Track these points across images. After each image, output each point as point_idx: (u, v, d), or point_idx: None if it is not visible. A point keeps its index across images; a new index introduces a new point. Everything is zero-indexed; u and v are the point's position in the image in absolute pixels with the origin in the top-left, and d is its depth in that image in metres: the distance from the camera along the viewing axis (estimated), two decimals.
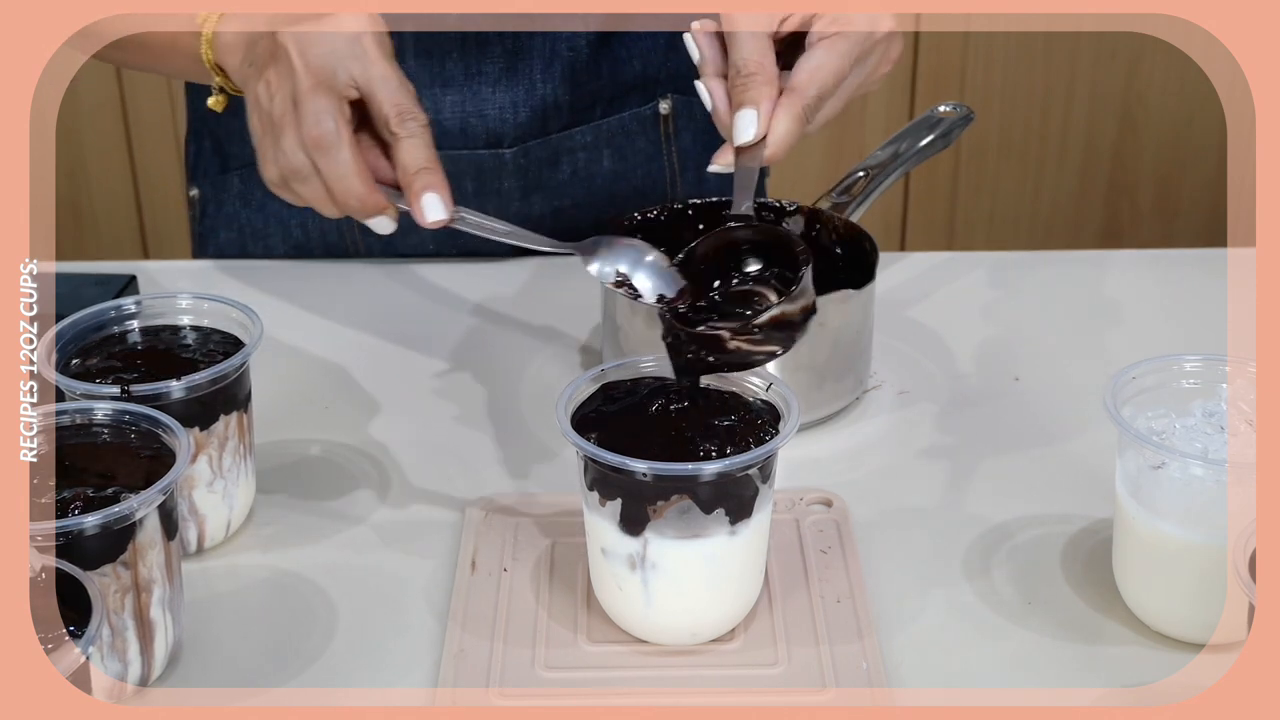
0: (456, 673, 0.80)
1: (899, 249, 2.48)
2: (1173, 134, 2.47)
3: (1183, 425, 0.83)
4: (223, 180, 1.28)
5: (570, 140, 1.23)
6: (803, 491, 0.94)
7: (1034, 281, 1.25)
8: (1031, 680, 0.81)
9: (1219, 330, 1.13)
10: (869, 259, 1.05)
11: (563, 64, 1.20)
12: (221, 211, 1.28)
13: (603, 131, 1.24)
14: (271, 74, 0.87)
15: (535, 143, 1.22)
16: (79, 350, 0.90)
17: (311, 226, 1.27)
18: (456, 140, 1.19)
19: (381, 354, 1.14)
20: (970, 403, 1.07)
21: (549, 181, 1.24)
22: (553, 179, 1.24)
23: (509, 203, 1.22)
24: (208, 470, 0.89)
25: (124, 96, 2.38)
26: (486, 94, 1.19)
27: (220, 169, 1.28)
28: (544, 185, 1.24)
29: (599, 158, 1.25)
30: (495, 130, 1.20)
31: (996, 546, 0.91)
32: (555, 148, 1.23)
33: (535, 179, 1.24)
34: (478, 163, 1.21)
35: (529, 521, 0.92)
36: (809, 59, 0.89)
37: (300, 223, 1.26)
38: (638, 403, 0.83)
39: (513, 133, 1.21)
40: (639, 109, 1.25)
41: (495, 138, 1.20)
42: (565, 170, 1.24)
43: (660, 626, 0.82)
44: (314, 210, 0.88)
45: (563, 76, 1.20)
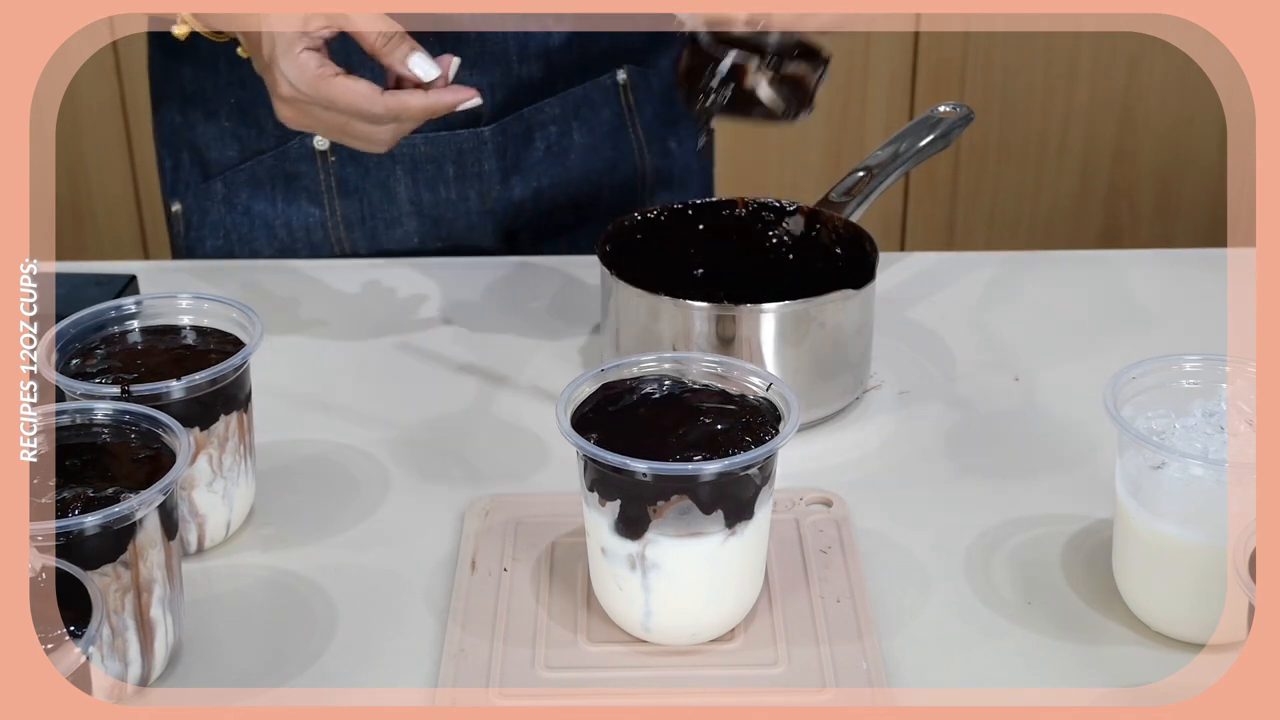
0: (456, 673, 0.80)
1: (899, 249, 2.49)
2: (1172, 134, 2.47)
3: (1183, 425, 0.83)
4: (205, 189, 1.28)
5: (540, 113, 1.26)
6: (803, 491, 0.94)
7: (1034, 281, 1.25)
8: (1031, 680, 0.81)
9: (1219, 330, 1.13)
10: (869, 259, 1.05)
11: (538, 45, 1.22)
12: (207, 221, 1.29)
13: (569, 102, 1.27)
14: None
15: (510, 118, 1.24)
16: (79, 350, 0.90)
17: (296, 226, 1.28)
18: (436, 122, 1.20)
19: (381, 354, 1.14)
20: (970, 403, 1.07)
21: (525, 160, 1.27)
22: (529, 157, 1.27)
23: (490, 187, 1.25)
24: (208, 470, 0.89)
25: (124, 96, 2.38)
26: (464, 75, 1.20)
27: (202, 177, 1.28)
28: (521, 165, 1.27)
29: (568, 130, 1.28)
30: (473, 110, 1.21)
31: (996, 546, 0.91)
32: (528, 122, 1.26)
33: (513, 159, 1.26)
34: (458, 144, 1.24)
35: (529, 521, 0.92)
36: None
37: (285, 223, 1.27)
38: (638, 403, 0.83)
39: (489, 110, 1.23)
40: (598, 78, 1.28)
41: (473, 116, 1.22)
42: (539, 147, 1.27)
43: (660, 626, 0.82)
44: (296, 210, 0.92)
45: (537, 56, 1.23)
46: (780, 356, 1.00)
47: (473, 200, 1.27)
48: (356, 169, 1.25)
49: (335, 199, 1.26)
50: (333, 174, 1.25)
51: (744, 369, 0.85)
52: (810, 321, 1.01)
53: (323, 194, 1.26)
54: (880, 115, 2.38)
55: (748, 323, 0.99)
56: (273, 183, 1.26)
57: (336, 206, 1.26)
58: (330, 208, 1.26)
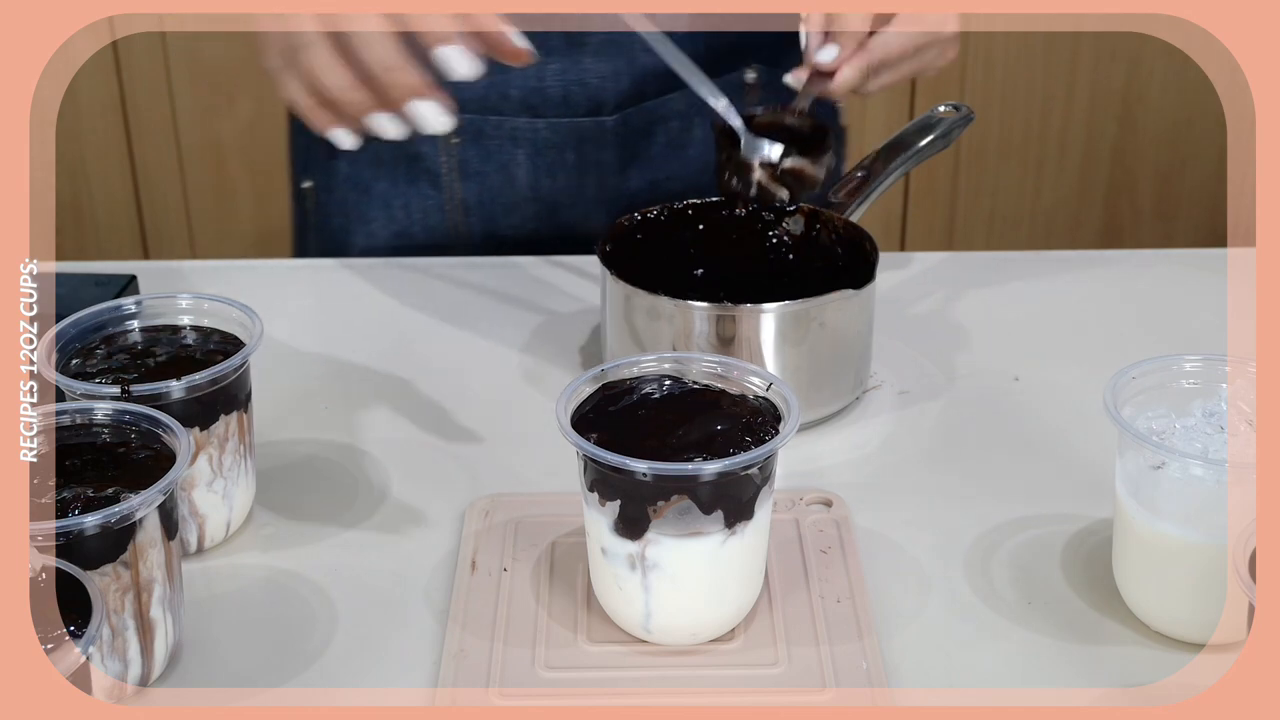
0: (456, 673, 0.80)
1: (899, 249, 2.49)
2: (1172, 134, 2.47)
3: (1183, 425, 0.83)
4: (331, 167, 1.29)
5: (664, 107, 1.25)
6: (803, 491, 0.94)
7: (1034, 281, 1.25)
8: (1031, 680, 0.81)
9: (1219, 330, 1.13)
10: (869, 259, 1.05)
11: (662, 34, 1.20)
12: (331, 199, 1.29)
13: (695, 98, 1.25)
14: None
15: (633, 110, 1.23)
16: (79, 350, 0.90)
17: (415, 208, 1.28)
18: (559, 108, 1.20)
19: (381, 353, 1.14)
20: (970, 403, 1.07)
21: (645, 153, 1.26)
22: (648, 150, 1.26)
23: (607, 176, 1.23)
24: (208, 470, 0.89)
25: (124, 96, 2.38)
26: (589, 63, 1.20)
27: (328, 155, 1.29)
28: (640, 157, 1.26)
29: (690, 125, 1.26)
30: (596, 97, 1.21)
31: (996, 546, 0.91)
32: (651, 115, 1.24)
33: (632, 151, 1.25)
34: (579, 130, 1.23)
35: (529, 521, 0.92)
36: (883, 35, 1.05)
37: (404, 205, 1.27)
38: (638, 403, 0.83)
39: (613, 100, 1.22)
40: (727, 75, 1.25)
41: (596, 105, 1.22)
42: (660, 140, 1.26)
43: (660, 626, 0.82)
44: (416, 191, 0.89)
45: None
46: (780, 356, 1.00)
47: (590, 188, 1.26)
48: (478, 152, 1.25)
49: (455, 181, 1.26)
50: (454, 156, 1.25)
51: (744, 369, 0.85)
52: (810, 321, 1.01)
53: (443, 176, 1.26)
54: (880, 115, 2.38)
55: (748, 323, 0.99)
56: (394, 163, 1.25)
57: (456, 189, 1.26)
58: (450, 190, 1.26)
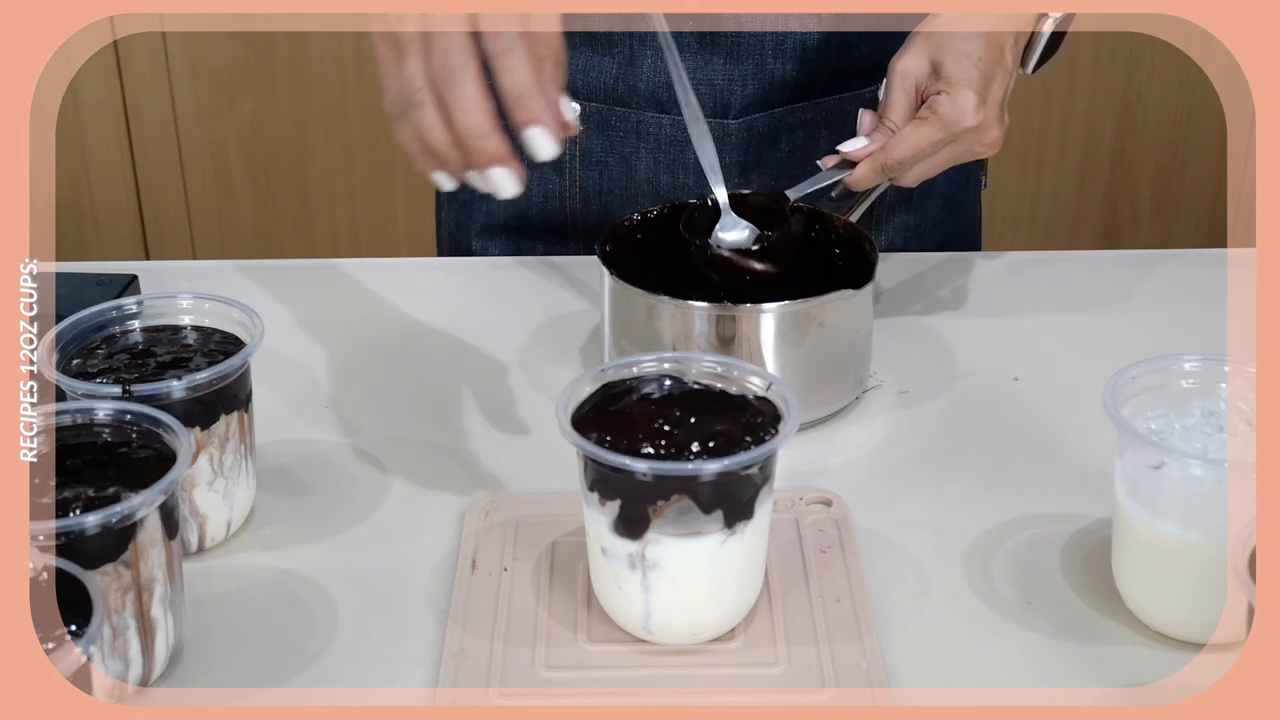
0: (456, 673, 0.80)
1: None
2: (1172, 134, 2.47)
3: (1182, 425, 0.83)
4: None
5: (791, 116, 1.24)
6: (803, 491, 0.94)
7: (1034, 281, 1.25)
8: (1031, 680, 0.81)
9: (1219, 330, 1.13)
10: (869, 259, 1.05)
11: (794, 42, 1.21)
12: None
13: (822, 110, 1.25)
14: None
15: (759, 116, 1.23)
16: (80, 350, 0.90)
17: (535, 193, 1.28)
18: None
19: (381, 353, 1.14)
20: (970, 403, 1.07)
21: (768, 159, 1.25)
22: (771, 157, 1.25)
23: (728, 179, 1.22)
24: (209, 470, 0.89)
25: (124, 96, 2.39)
26: (718, 64, 1.20)
27: None
28: (763, 163, 1.25)
29: (816, 137, 1.25)
30: (723, 99, 1.21)
31: (996, 546, 0.91)
32: (777, 123, 1.24)
33: (755, 156, 1.24)
34: None
35: (529, 521, 0.92)
36: (903, 133, 1.07)
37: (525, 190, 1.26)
38: (638, 403, 0.83)
39: (739, 104, 1.22)
40: (858, 91, 1.25)
41: (722, 107, 1.21)
42: (784, 149, 1.25)
43: (660, 626, 0.82)
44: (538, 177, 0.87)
45: (793, 54, 1.21)
46: (780, 356, 1.00)
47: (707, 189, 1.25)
48: (602, 142, 1.25)
49: (578, 169, 1.26)
50: (579, 144, 1.25)
51: (744, 369, 0.85)
52: (810, 321, 1.01)
53: (565, 163, 1.26)
54: None
55: (748, 323, 0.99)
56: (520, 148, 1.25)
57: (578, 177, 1.26)
58: (571, 177, 1.26)
